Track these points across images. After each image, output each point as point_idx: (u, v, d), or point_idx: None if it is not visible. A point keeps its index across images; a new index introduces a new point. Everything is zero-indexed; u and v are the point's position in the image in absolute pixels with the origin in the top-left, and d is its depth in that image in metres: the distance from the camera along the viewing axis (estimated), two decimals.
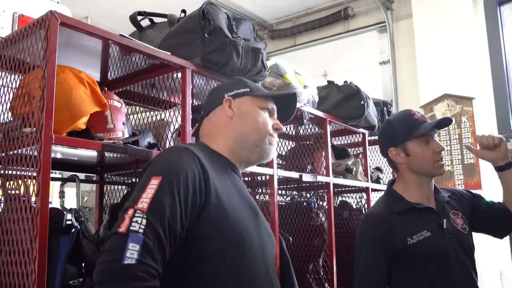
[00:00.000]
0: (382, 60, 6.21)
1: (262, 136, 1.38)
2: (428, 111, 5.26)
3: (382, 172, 3.35)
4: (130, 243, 1.00)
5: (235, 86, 1.44)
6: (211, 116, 1.42)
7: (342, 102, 2.73)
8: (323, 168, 2.63)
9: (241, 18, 2.02)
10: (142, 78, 1.89)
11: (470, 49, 5.08)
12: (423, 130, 1.75)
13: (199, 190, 1.16)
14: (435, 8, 5.35)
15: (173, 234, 1.09)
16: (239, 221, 1.22)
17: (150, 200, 1.08)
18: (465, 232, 1.75)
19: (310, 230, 2.59)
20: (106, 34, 1.49)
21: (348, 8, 6.40)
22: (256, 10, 6.82)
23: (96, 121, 1.51)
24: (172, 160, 1.19)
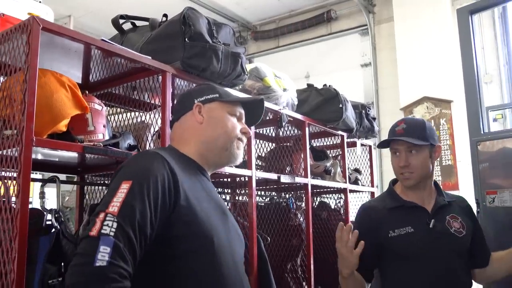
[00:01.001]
0: (363, 63, 6.31)
1: (231, 140, 1.45)
2: (408, 113, 5.37)
3: (360, 174, 3.42)
4: (101, 246, 1.04)
5: (205, 92, 1.49)
6: (182, 121, 1.47)
7: (321, 105, 2.79)
8: (301, 170, 2.68)
9: (221, 23, 2.06)
10: (124, 81, 1.91)
11: (448, 54, 5.21)
12: (384, 144, 1.91)
13: (169, 192, 1.21)
14: (415, 13, 5.47)
15: (143, 236, 1.13)
16: (208, 222, 1.27)
17: (120, 204, 1.12)
18: (459, 235, 1.80)
19: (289, 230, 2.64)
20: (87, 39, 1.52)
21: (331, 11, 6.49)
22: (240, 11, 6.87)
23: (77, 124, 1.54)
24: (142, 165, 1.24)
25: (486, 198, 2.12)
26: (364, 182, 3.45)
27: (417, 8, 5.47)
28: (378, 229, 1.82)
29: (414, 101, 5.36)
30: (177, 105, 1.53)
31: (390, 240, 1.79)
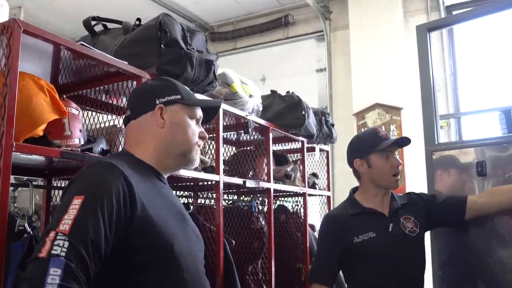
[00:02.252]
0: (319, 68, 6.46)
1: (190, 148, 1.42)
2: (360, 119, 5.57)
3: (317, 178, 3.53)
4: (51, 268, 0.99)
5: (167, 91, 1.44)
6: (140, 121, 1.41)
7: (284, 112, 2.87)
8: (264, 174, 2.75)
9: (194, 30, 2.09)
10: (96, 84, 1.91)
11: (400, 63, 5.45)
12: (384, 145, 2.02)
13: (124, 205, 1.17)
14: (370, 23, 5.67)
15: (97, 253, 1.09)
16: (167, 230, 1.25)
17: (72, 221, 1.07)
18: (412, 235, 2.00)
19: (250, 233, 2.70)
20: (68, 43, 1.52)
21: (288, 16, 6.59)
22: (198, 11, 6.86)
23: (53, 128, 1.53)
24: (95, 178, 1.19)
25: None
26: (321, 186, 3.57)
27: (372, 18, 5.67)
28: (344, 236, 1.97)
29: (367, 107, 5.54)
30: (136, 101, 1.46)
31: (356, 245, 1.95)
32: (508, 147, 2.16)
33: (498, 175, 2.15)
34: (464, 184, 2.23)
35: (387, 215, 2.02)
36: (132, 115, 1.43)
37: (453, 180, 2.30)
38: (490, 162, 2.16)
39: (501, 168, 2.16)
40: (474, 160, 2.21)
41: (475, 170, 2.19)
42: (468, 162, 2.24)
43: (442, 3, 5.64)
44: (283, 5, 6.70)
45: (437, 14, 5.68)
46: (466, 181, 2.23)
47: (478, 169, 2.18)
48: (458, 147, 2.32)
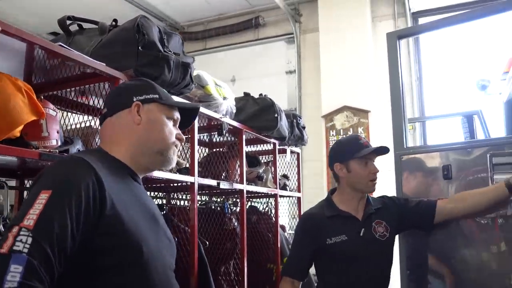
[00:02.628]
0: (288, 70, 6.53)
1: (167, 147, 1.40)
2: (328, 121, 5.66)
3: (288, 179, 3.59)
4: (12, 265, 0.95)
5: (144, 90, 1.43)
6: (117, 119, 1.39)
7: (257, 114, 2.91)
8: (237, 176, 2.78)
9: (171, 32, 2.10)
10: (72, 85, 1.90)
11: (367, 67, 5.58)
12: (364, 153, 2.14)
13: (93, 202, 1.13)
14: (339, 26, 5.77)
15: (62, 251, 1.04)
16: (137, 231, 1.21)
17: (37, 216, 1.02)
18: (382, 239, 2.11)
19: (223, 234, 2.73)
20: (45, 43, 1.51)
21: (259, 17, 6.64)
22: (168, 11, 6.83)
23: (31, 129, 1.52)
24: (64, 172, 1.16)
25: None
26: (291, 187, 3.62)
27: (341, 22, 5.78)
28: (318, 236, 2.07)
29: (335, 109, 5.64)
30: (113, 99, 1.44)
31: (328, 246, 2.05)
32: (472, 152, 2.26)
33: (461, 178, 2.25)
34: (430, 187, 2.32)
35: (361, 219, 2.13)
36: (108, 112, 1.41)
37: (420, 183, 2.38)
38: (455, 166, 2.26)
39: (465, 172, 2.25)
40: (440, 164, 2.30)
41: (441, 174, 2.28)
42: (434, 166, 2.33)
43: (408, 10, 5.81)
44: (254, 7, 6.75)
45: (403, 20, 5.84)
46: (433, 184, 2.32)
47: (444, 173, 2.27)
48: (426, 151, 2.41)
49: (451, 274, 2.23)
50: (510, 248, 2.08)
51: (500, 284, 2.08)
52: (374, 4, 5.96)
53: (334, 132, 5.60)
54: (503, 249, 2.11)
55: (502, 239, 2.11)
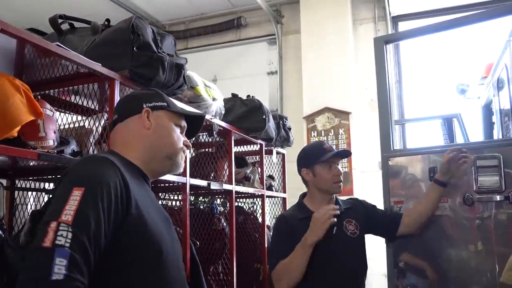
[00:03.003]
0: (270, 71, 6.54)
1: (175, 151, 1.46)
2: (310, 122, 5.71)
3: (274, 180, 3.62)
4: (57, 258, 0.99)
5: (154, 98, 1.49)
6: (128, 123, 1.44)
7: (245, 115, 2.93)
8: (226, 176, 2.79)
9: (164, 33, 2.11)
10: (66, 84, 1.88)
11: (348, 69, 5.65)
12: (327, 157, 2.25)
13: (121, 200, 1.18)
14: (320, 28, 5.83)
15: (97, 246, 1.10)
16: (157, 231, 1.27)
17: (74, 212, 1.07)
18: (354, 236, 2.23)
19: (212, 234, 2.74)
20: (41, 42, 1.50)
21: (241, 18, 6.64)
22: (150, 9, 6.78)
23: (28, 129, 1.50)
24: (94, 170, 1.20)
25: (394, 207, 2.41)
26: (277, 188, 3.65)
27: (322, 24, 5.83)
28: (293, 236, 2.13)
29: (316, 111, 5.69)
30: (123, 106, 1.50)
31: None
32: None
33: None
34: (417, 188, 2.38)
35: None
36: (119, 118, 1.45)
37: (406, 184, 2.44)
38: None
39: None
40: (426, 166, 2.36)
41: (428, 175, 2.34)
42: (420, 168, 2.39)
43: (389, 14, 5.90)
44: (236, 7, 6.75)
45: (384, 23, 5.93)
46: (419, 185, 2.38)
47: (430, 175, 2.33)
48: (412, 153, 2.46)
49: (434, 272, 2.30)
50: (487, 248, 2.16)
51: (478, 281, 2.16)
52: (355, 8, 6.04)
53: (315, 133, 5.65)
54: (479, 248, 2.20)
55: (479, 239, 2.19)
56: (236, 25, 6.67)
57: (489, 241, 2.16)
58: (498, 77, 3.33)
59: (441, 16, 5.78)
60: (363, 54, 5.93)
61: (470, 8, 5.65)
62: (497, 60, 3.35)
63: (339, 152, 2.32)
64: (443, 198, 2.28)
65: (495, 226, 2.16)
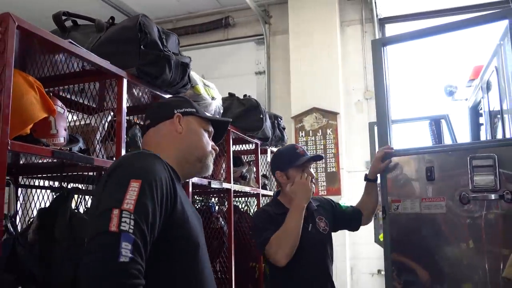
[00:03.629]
0: (258, 70, 6.57)
1: (206, 154, 1.54)
2: (298, 122, 5.75)
3: (268, 179, 3.64)
4: (123, 242, 1.06)
5: (184, 104, 1.57)
6: (160, 128, 1.51)
7: (243, 115, 2.95)
8: (224, 175, 2.80)
9: (168, 32, 2.11)
10: (70, 82, 1.88)
11: (336, 70, 5.71)
12: (301, 161, 2.36)
13: (169, 195, 1.26)
14: (308, 29, 5.88)
15: (153, 235, 1.18)
16: (195, 226, 1.36)
17: (135, 201, 1.14)
18: (325, 232, 2.40)
19: (211, 233, 2.75)
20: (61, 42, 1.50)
21: (229, 17, 6.65)
22: (137, 8, 6.72)
23: (39, 126, 1.49)
24: (148, 165, 1.27)
25: (391, 206, 2.45)
26: (271, 187, 3.68)
27: (310, 25, 5.89)
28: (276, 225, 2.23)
29: (304, 111, 5.74)
30: (155, 112, 1.56)
31: None
32: (453, 155, 2.39)
33: (443, 179, 2.37)
34: (414, 187, 2.43)
35: (306, 215, 2.32)
36: (151, 123, 1.53)
37: (404, 183, 2.49)
38: (437, 168, 2.38)
39: (446, 173, 2.38)
40: (423, 165, 2.41)
41: (425, 175, 2.39)
42: (418, 167, 2.44)
43: (376, 16, 5.98)
44: (224, 7, 6.75)
45: (371, 25, 6.00)
46: (416, 184, 2.43)
47: (427, 174, 2.38)
48: (409, 153, 2.51)
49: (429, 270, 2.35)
50: (477, 246, 2.23)
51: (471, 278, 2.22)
52: (343, 9, 6.11)
53: (303, 133, 5.70)
54: (471, 246, 2.26)
55: (473, 237, 2.25)
56: (224, 24, 6.68)
57: (483, 239, 2.22)
58: (487, 79, 3.42)
59: (428, 19, 5.90)
60: (350, 55, 6.01)
61: (455, 11, 5.78)
62: (487, 63, 3.43)
63: (313, 157, 2.44)
64: (440, 197, 2.33)
65: (489, 224, 2.22)
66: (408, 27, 5.99)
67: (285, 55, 6.11)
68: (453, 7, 5.78)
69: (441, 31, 2.60)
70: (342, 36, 6.03)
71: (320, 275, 2.33)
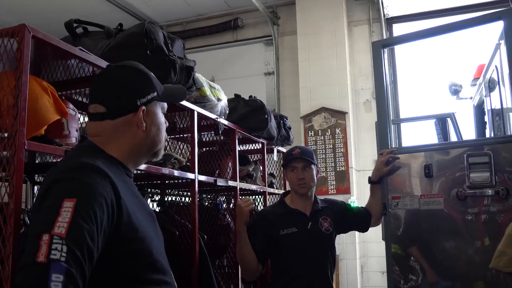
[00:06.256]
0: (267, 71, 6.67)
1: (162, 146, 1.45)
2: (307, 122, 5.83)
3: (274, 178, 3.73)
4: (53, 274, 0.94)
5: (146, 88, 1.39)
6: (119, 123, 1.34)
7: (248, 115, 3.04)
8: (230, 173, 2.91)
9: (174, 37, 2.22)
10: (81, 85, 1.99)
11: (344, 70, 5.78)
12: (289, 162, 2.50)
13: (112, 210, 1.14)
14: (316, 30, 5.96)
15: (91, 259, 1.05)
16: (147, 236, 1.24)
17: (68, 224, 1.01)
18: (327, 233, 2.47)
19: (218, 229, 2.85)
20: (72, 49, 1.61)
21: (238, 19, 6.76)
22: (148, 11, 6.87)
23: (53, 128, 1.60)
24: (84, 180, 1.13)
25: (392, 202, 2.53)
26: (277, 185, 3.77)
27: (318, 26, 5.97)
28: (272, 228, 2.42)
29: (313, 110, 5.82)
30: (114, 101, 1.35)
31: (281, 236, 2.40)
32: (450, 152, 2.46)
33: (441, 176, 2.44)
34: (413, 184, 2.50)
35: (308, 215, 2.47)
36: (108, 114, 1.33)
37: (403, 181, 2.56)
38: (435, 165, 2.45)
39: (444, 170, 2.45)
40: (422, 163, 2.49)
41: (423, 172, 2.46)
42: (416, 165, 2.51)
43: (383, 16, 6.04)
44: (233, 9, 6.86)
45: (378, 25, 6.07)
46: (415, 182, 2.50)
47: (425, 171, 2.46)
48: (408, 151, 2.59)
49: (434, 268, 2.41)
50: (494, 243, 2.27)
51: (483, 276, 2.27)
52: (350, 10, 6.18)
53: (312, 132, 5.78)
54: (486, 244, 2.30)
55: (486, 235, 2.31)
56: (233, 26, 6.79)
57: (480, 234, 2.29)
58: (489, 78, 3.47)
59: (435, 18, 5.94)
60: (358, 55, 6.08)
61: (462, 10, 5.81)
62: (488, 62, 3.49)
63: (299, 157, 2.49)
64: (438, 193, 2.41)
65: (486, 220, 2.28)
66: (416, 27, 6.05)
67: (294, 56, 6.20)
68: (461, 6, 5.82)
69: (439, 32, 2.68)
70: (350, 36, 6.10)
71: (315, 274, 2.39)
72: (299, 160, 2.48)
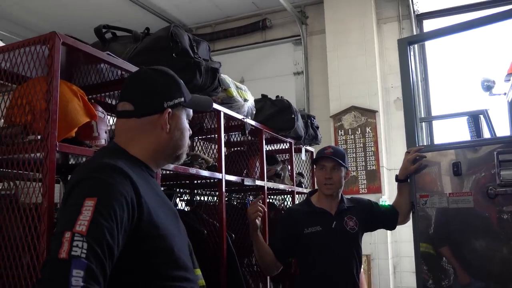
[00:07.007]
0: (296, 71, 6.68)
1: (184, 150, 1.47)
2: (337, 121, 5.81)
3: (303, 177, 3.74)
4: (74, 270, 0.99)
5: (174, 93, 1.43)
6: (144, 122, 1.38)
7: (275, 115, 3.07)
8: (258, 173, 2.94)
9: (199, 39, 2.26)
10: (111, 88, 2.06)
11: (373, 68, 5.73)
12: (317, 160, 2.54)
13: (132, 209, 1.17)
14: (345, 28, 5.93)
15: (112, 256, 1.09)
16: (169, 234, 1.27)
17: (88, 222, 1.06)
18: (352, 231, 2.48)
19: (246, 228, 2.88)
20: (100, 54, 1.67)
21: (266, 20, 6.79)
22: (177, 14, 6.99)
23: (83, 130, 1.67)
24: (105, 180, 1.17)
25: (420, 201, 2.51)
26: (306, 184, 3.78)
27: (347, 24, 5.94)
28: (297, 226, 2.46)
29: (343, 110, 5.80)
30: (142, 100, 1.39)
31: (305, 235, 2.43)
32: (480, 150, 2.41)
33: (470, 174, 2.40)
34: (442, 182, 2.47)
35: (333, 214, 2.49)
36: (135, 113, 1.38)
37: (432, 179, 2.54)
38: (464, 163, 2.41)
39: (473, 168, 2.41)
40: (450, 161, 2.46)
41: (452, 170, 2.43)
42: (445, 163, 2.48)
43: (413, 12, 5.96)
44: (261, 9, 6.90)
45: (408, 22, 5.99)
46: (443, 180, 2.47)
47: (454, 169, 2.42)
48: (436, 149, 2.55)
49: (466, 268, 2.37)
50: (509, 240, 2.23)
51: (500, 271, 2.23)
52: (379, 7, 6.12)
53: (342, 132, 5.75)
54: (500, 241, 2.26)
55: (502, 231, 2.26)
56: (261, 26, 6.83)
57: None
58: None
59: (466, 13, 5.82)
60: (388, 52, 6.01)
61: (494, 4, 5.67)
62: None
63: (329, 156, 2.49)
64: (468, 191, 2.37)
65: None
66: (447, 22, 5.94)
67: (323, 55, 6.19)
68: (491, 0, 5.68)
69: (469, 27, 2.62)
70: (379, 33, 6.05)
71: (339, 273, 2.40)
72: (330, 160, 2.48)
